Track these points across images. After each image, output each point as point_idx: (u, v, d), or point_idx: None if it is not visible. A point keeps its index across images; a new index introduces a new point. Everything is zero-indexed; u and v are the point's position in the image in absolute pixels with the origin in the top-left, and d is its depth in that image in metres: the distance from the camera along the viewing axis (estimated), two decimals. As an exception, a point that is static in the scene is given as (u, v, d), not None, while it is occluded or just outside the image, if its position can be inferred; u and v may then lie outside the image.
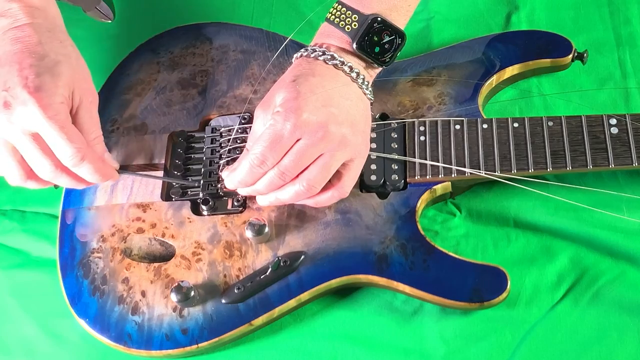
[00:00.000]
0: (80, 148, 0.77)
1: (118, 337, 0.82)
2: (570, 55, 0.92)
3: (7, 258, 0.92)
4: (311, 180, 0.78)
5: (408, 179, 0.86)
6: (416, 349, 0.81)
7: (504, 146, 0.85)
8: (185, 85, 0.96)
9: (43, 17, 0.81)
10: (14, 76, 0.76)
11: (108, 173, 0.82)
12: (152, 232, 0.87)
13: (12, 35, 0.79)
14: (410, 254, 0.81)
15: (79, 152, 0.77)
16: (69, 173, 0.80)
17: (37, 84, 0.76)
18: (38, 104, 0.75)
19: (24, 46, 0.78)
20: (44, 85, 0.76)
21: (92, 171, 0.79)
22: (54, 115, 0.76)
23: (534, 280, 0.83)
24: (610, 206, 0.84)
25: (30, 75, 0.76)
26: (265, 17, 1.05)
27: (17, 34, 0.79)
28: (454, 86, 0.91)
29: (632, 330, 0.79)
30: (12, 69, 0.77)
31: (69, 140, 0.76)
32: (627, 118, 0.85)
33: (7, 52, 0.78)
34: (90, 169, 0.79)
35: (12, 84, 0.76)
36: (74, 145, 0.77)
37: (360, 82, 0.81)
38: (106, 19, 0.98)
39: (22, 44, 0.79)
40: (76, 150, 0.77)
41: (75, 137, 0.77)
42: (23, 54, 0.78)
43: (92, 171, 0.79)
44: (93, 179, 0.80)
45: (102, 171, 0.81)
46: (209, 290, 0.82)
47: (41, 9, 0.82)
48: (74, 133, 0.77)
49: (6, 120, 0.76)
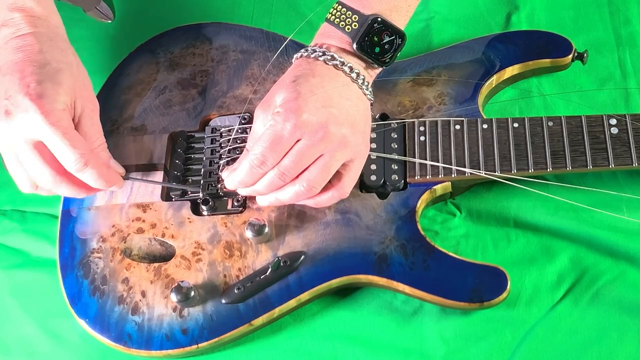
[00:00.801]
0: (83, 153, 0.77)
1: (118, 337, 0.82)
2: (570, 55, 0.92)
3: (7, 258, 0.92)
4: (311, 181, 0.78)
5: (408, 179, 0.86)
6: (416, 349, 0.81)
7: (504, 146, 0.85)
8: (185, 85, 0.96)
9: (45, 26, 0.82)
10: (15, 84, 0.77)
11: (113, 179, 0.82)
12: (152, 232, 0.87)
13: (15, 44, 0.80)
14: (410, 254, 0.81)
15: (83, 157, 0.77)
16: (69, 181, 0.80)
17: (38, 91, 0.76)
18: (40, 110, 0.75)
19: (25, 55, 0.79)
20: (45, 92, 0.76)
21: (96, 177, 0.80)
22: (56, 121, 0.76)
23: (534, 280, 0.83)
24: (610, 206, 0.84)
25: (32, 83, 0.77)
26: (265, 17, 1.06)
27: (19, 43, 0.80)
28: (454, 86, 0.91)
29: (632, 330, 0.79)
30: (14, 77, 0.77)
31: (72, 146, 0.77)
32: (627, 118, 0.85)
33: (9, 62, 0.79)
34: (94, 175, 0.79)
35: (13, 92, 0.76)
36: (77, 150, 0.77)
37: (360, 82, 0.81)
38: (106, 19, 0.98)
39: (23, 52, 0.79)
40: (80, 155, 0.77)
41: (79, 142, 0.78)
42: (25, 63, 0.78)
43: (96, 177, 0.79)
44: (97, 184, 0.81)
45: (106, 177, 0.81)
46: (209, 290, 0.82)
47: (43, 18, 0.82)
48: (77, 139, 0.78)
49: (7, 128, 0.76)
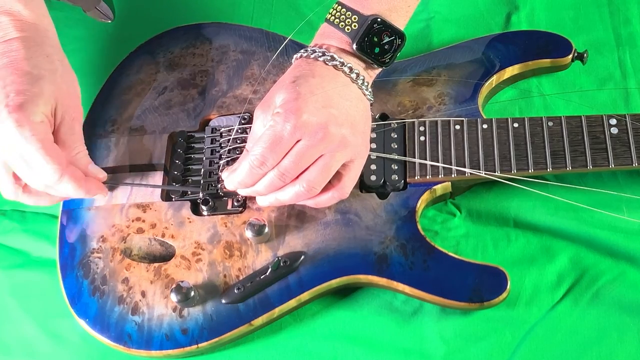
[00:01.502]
0: (57, 168, 0.77)
1: (118, 337, 0.82)
2: (570, 55, 0.92)
3: (7, 258, 0.92)
4: (311, 181, 0.78)
5: (408, 179, 0.86)
6: (416, 349, 0.81)
7: (504, 146, 0.85)
8: (185, 85, 0.96)
9: (33, 30, 0.81)
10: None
11: (92, 188, 0.82)
12: (152, 232, 0.87)
13: (0, 49, 0.79)
14: (410, 254, 0.81)
15: (57, 171, 0.77)
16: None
17: (17, 102, 0.76)
18: (16, 123, 0.75)
19: (9, 61, 0.78)
20: (24, 104, 0.76)
21: (75, 187, 0.79)
22: (31, 134, 0.75)
23: (534, 280, 0.83)
24: (610, 206, 0.84)
25: (11, 93, 0.76)
26: (265, 17, 1.05)
27: (5, 49, 0.79)
28: (453, 86, 0.91)
29: (632, 330, 0.79)
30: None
31: (46, 160, 0.76)
32: (627, 118, 0.85)
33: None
34: (71, 186, 0.79)
35: None
36: (51, 166, 0.77)
37: (360, 82, 0.81)
38: (106, 19, 0.98)
39: (8, 58, 0.79)
40: (54, 169, 0.77)
41: (54, 155, 0.77)
42: (7, 69, 0.78)
43: (74, 187, 0.79)
44: (77, 194, 0.81)
45: (85, 187, 0.81)
46: (209, 290, 0.82)
47: (31, 22, 0.82)
48: (52, 151, 0.77)
49: None
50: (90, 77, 1.01)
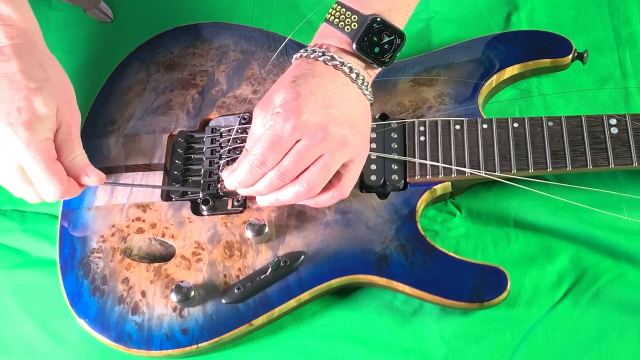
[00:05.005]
0: (59, 187, 0.78)
1: (118, 337, 0.82)
2: (570, 55, 0.92)
3: (7, 258, 0.92)
4: (311, 181, 0.78)
5: (408, 179, 0.86)
6: (416, 349, 0.81)
7: (504, 146, 0.85)
8: (185, 85, 0.96)
9: (23, 36, 0.79)
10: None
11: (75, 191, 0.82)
12: (152, 232, 0.87)
13: None
14: (410, 254, 0.81)
15: (58, 191, 0.78)
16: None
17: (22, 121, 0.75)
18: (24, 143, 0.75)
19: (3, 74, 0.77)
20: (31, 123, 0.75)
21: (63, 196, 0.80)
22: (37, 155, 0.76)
23: (534, 280, 0.83)
24: (610, 206, 0.84)
25: (13, 110, 0.75)
26: (265, 17, 1.06)
27: None
28: (453, 86, 0.91)
29: (632, 330, 0.79)
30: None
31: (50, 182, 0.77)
32: (627, 118, 0.85)
33: None
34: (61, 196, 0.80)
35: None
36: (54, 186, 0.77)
37: (360, 82, 0.81)
38: (106, 18, 0.98)
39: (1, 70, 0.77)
40: (55, 189, 0.77)
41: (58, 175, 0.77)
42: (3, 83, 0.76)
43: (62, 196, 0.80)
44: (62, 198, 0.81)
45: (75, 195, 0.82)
46: (209, 290, 0.82)
47: (21, 27, 0.79)
48: (56, 171, 0.77)
49: None
50: (90, 77, 1.01)
